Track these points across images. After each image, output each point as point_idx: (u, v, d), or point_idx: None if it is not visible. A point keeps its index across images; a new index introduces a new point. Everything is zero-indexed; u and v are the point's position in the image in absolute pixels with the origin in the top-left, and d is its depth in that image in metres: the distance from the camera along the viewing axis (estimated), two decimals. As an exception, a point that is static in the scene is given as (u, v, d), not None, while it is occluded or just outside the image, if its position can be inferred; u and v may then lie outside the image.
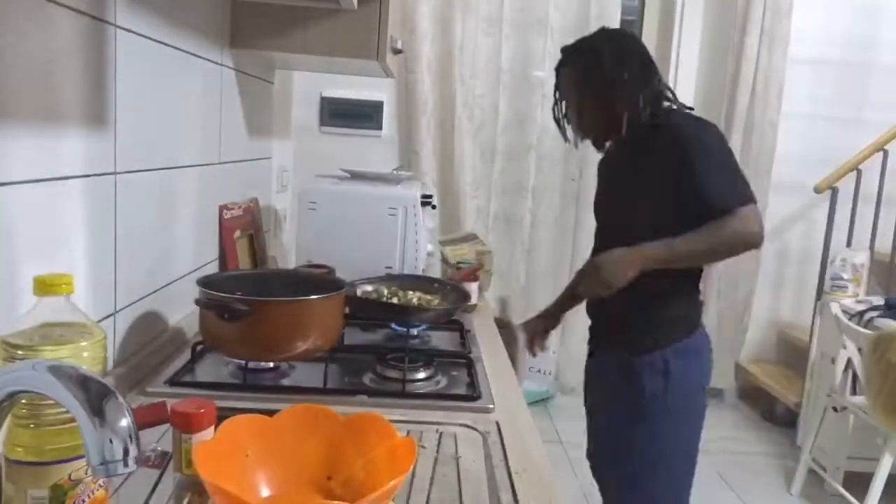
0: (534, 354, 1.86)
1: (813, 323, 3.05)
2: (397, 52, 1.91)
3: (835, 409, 2.62)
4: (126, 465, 0.52)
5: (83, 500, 0.69)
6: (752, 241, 1.44)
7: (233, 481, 0.69)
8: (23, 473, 0.66)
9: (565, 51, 1.64)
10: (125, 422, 0.52)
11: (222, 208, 1.63)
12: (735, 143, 3.22)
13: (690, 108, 1.61)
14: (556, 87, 1.65)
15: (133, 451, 0.52)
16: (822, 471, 2.70)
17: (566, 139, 1.69)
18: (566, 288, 1.88)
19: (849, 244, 3.17)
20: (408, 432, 1.04)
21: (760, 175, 3.28)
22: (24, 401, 0.65)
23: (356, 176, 1.96)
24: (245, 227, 1.76)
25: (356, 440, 0.78)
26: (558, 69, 1.64)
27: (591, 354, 1.74)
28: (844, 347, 2.56)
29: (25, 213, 0.86)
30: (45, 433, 0.66)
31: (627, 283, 1.46)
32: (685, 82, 3.45)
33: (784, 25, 3.21)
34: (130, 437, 0.52)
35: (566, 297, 1.86)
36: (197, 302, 1.15)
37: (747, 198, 1.45)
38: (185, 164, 1.40)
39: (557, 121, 1.67)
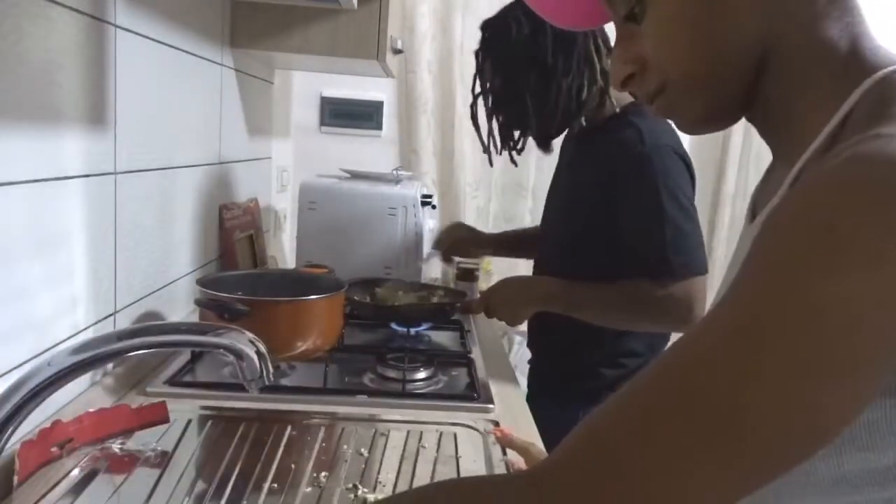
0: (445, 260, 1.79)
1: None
2: (397, 52, 1.91)
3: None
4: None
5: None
6: (681, 326, 1.19)
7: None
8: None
9: (484, 28, 1.34)
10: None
11: (222, 208, 1.63)
12: (735, 143, 3.22)
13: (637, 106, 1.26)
14: (475, 78, 1.36)
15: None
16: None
17: (486, 149, 1.38)
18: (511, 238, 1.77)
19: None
20: (408, 432, 1.04)
21: (761, 174, 3.28)
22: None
23: (356, 176, 1.96)
24: (245, 227, 1.76)
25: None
26: (476, 53, 1.36)
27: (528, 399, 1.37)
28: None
29: (25, 212, 0.86)
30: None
31: (524, 320, 1.36)
32: (685, 82, 3.44)
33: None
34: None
35: (504, 244, 1.74)
36: (197, 302, 1.15)
37: (693, 268, 1.18)
38: (185, 164, 1.40)
39: (475, 119, 1.38)
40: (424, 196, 1.88)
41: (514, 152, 1.38)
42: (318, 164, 2.29)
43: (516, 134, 1.36)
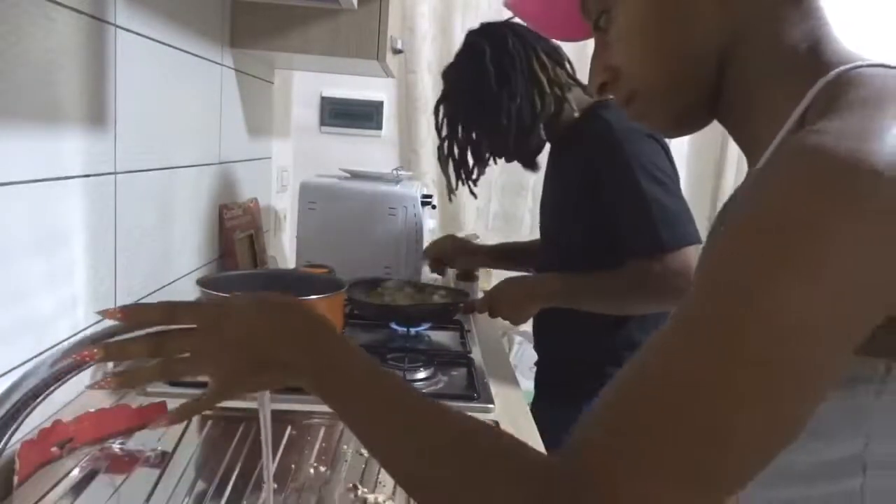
0: (435, 272, 1.80)
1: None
2: (397, 52, 1.91)
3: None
4: None
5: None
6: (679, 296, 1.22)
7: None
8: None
9: (447, 76, 1.44)
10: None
11: (222, 208, 1.63)
12: (735, 143, 3.22)
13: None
14: (445, 122, 1.43)
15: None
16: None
17: (454, 185, 1.46)
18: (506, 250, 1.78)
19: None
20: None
21: (760, 175, 3.27)
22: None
23: (356, 176, 1.96)
24: (245, 227, 1.76)
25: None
26: (440, 103, 1.44)
27: (533, 401, 1.46)
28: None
29: (25, 213, 0.86)
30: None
31: (528, 319, 1.38)
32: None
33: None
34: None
35: (502, 256, 1.74)
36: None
37: (684, 238, 1.19)
38: (185, 164, 1.40)
39: (443, 160, 1.45)
40: (424, 196, 1.88)
41: (470, 182, 1.46)
42: (318, 164, 2.29)
43: (470, 163, 1.44)
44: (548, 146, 1.45)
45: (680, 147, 1.31)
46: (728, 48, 0.54)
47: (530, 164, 1.45)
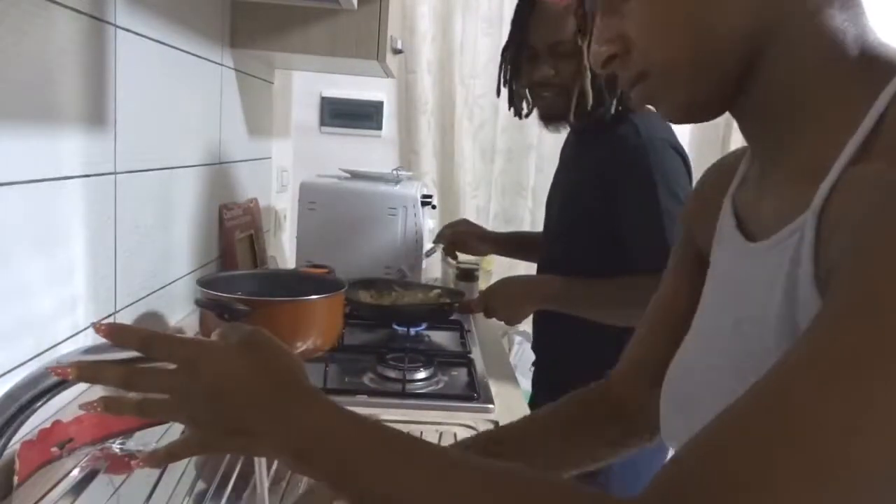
0: (452, 257, 1.77)
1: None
2: (397, 52, 1.91)
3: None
4: None
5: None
6: None
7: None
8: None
9: None
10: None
11: (222, 208, 1.63)
12: (735, 141, 3.22)
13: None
14: (521, 24, 1.29)
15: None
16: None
17: (515, 107, 1.36)
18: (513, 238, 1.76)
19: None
20: (407, 433, 1.04)
21: (760, 175, 3.27)
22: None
23: (356, 176, 1.96)
24: (245, 227, 1.76)
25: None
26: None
27: (531, 401, 1.46)
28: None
29: (25, 213, 0.86)
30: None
31: (523, 319, 1.38)
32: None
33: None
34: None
35: (508, 243, 1.73)
36: (197, 302, 1.15)
37: None
38: (185, 164, 1.40)
39: (505, 68, 1.33)
40: (424, 196, 1.88)
41: (522, 112, 1.38)
42: (318, 164, 2.29)
43: (531, 98, 1.35)
44: (561, 141, 1.43)
45: (680, 146, 1.30)
46: (763, 37, 0.49)
47: (554, 121, 1.35)
